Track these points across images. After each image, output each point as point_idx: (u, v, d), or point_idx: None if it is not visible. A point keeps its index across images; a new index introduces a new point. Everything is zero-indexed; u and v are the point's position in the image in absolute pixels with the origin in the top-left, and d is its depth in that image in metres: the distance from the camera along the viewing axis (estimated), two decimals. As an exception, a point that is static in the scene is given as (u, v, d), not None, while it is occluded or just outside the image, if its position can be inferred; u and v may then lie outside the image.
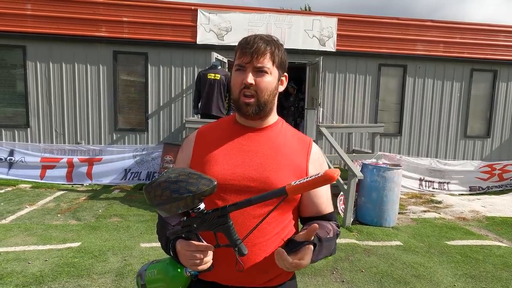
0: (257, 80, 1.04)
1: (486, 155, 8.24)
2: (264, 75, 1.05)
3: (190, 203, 0.88)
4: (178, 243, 0.96)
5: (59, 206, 5.19)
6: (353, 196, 4.78)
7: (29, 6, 6.65)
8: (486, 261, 3.75)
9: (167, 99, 7.26)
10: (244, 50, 1.05)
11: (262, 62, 1.04)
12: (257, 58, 1.03)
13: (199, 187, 0.87)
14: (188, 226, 0.92)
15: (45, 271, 3.11)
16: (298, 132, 1.20)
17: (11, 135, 6.98)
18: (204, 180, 0.89)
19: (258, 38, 1.06)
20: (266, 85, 1.05)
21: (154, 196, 0.90)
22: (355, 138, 7.68)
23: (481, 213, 5.71)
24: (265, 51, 1.04)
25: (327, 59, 7.30)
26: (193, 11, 7.03)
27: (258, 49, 1.03)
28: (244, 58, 1.05)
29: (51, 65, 6.93)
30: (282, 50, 1.09)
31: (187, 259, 0.93)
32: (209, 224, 0.90)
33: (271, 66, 1.06)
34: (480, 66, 8.02)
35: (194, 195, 0.87)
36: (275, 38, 1.10)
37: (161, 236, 1.08)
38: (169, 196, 0.87)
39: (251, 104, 1.05)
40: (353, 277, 3.27)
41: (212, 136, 1.14)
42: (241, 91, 1.05)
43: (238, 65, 1.07)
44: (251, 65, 1.04)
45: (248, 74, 1.04)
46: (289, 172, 1.07)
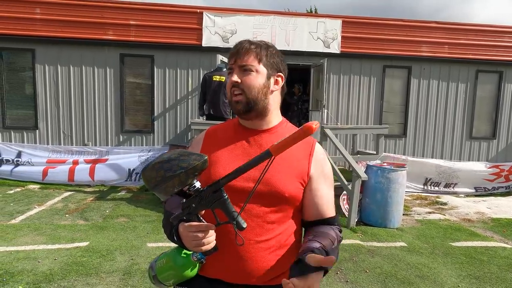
0: (242, 79, 1.09)
1: (492, 156, 8.20)
2: (250, 73, 1.09)
3: (184, 179, 0.90)
4: (180, 226, 0.98)
5: (67, 206, 5.27)
6: (357, 197, 4.80)
7: (38, 10, 6.78)
8: (491, 262, 3.75)
9: (173, 101, 7.34)
10: (231, 52, 1.12)
11: (246, 61, 1.08)
12: (241, 57, 1.08)
13: (190, 162, 0.90)
14: (187, 207, 0.95)
15: (54, 269, 3.18)
16: None
17: (20, 137, 7.10)
18: (194, 156, 0.93)
19: (245, 41, 1.12)
20: (251, 82, 1.09)
21: (150, 178, 0.92)
22: (360, 140, 7.69)
23: (486, 214, 5.69)
24: (249, 50, 1.09)
25: (331, 61, 7.34)
26: (199, 14, 7.11)
27: (241, 48, 1.09)
28: (231, 60, 1.11)
29: (59, 68, 7.04)
30: (272, 51, 1.12)
31: (190, 241, 0.95)
32: (206, 201, 0.92)
33: (257, 64, 1.09)
34: (486, 67, 7.99)
35: (187, 170, 0.89)
36: (266, 42, 1.15)
37: (166, 225, 1.09)
38: (163, 176, 0.90)
39: (240, 101, 1.09)
40: (357, 278, 3.29)
41: (218, 137, 1.18)
42: (231, 90, 1.11)
43: (228, 68, 1.14)
44: (236, 64, 1.09)
45: (234, 74, 1.10)
46: (292, 173, 1.08)
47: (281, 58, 1.15)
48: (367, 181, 4.87)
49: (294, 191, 1.08)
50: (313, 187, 1.12)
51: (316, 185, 1.12)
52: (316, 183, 1.12)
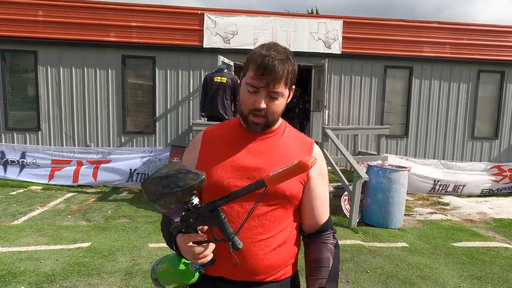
0: (269, 104, 1.06)
1: (494, 156, 8.17)
2: (277, 99, 1.07)
3: (181, 197, 0.91)
4: (178, 237, 1.00)
5: (69, 207, 5.30)
6: (358, 197, 4.80)
7: (41, 12, 6.82)
8: (493, 263, 3.75)
9: (174, 102, 7.35)
10: (260, 73, 1.03)
11: (277, 88, 1.05)
12: (273, 84, 1.04)
13: (186, 181, 0.90)
14: (186, 221, 0.96)
15: (56, 270, 3.19)
16: (300, 134, 1.23)
17: (22, 138, 7.13)
18: (191, 175, 0.92)
19: (276, 60, 1.03)
20: (277, 108, 1.09)
21: (149, 191, 0.93)
22: (361, 140, 7.68)
23: (488, 214, 5.68)
24: (282, 76, 1.04)
25: (332, 62, 7.34)
26: (200, 15, 7.13)
27: (275, 75, 1.03)
28: (260, 82, 1.04)
29: (61, 70, 7.08)
30: (293, 67, 1.09)
31: (186, 252, 0.97)
32: (204, 218, 0.93)
33: (284, 89, 1.07)
34: (487, 67, 7.97)
35: (183, 189, 0.90)
36: (288, 52, 1.10)
37: (165, 232, 1.11)
38: (161, 191, 0.91)
39: (260, 124, 1.10)
40: (358, 278, 3.29)
41: (218, 138, 1.17)
42: (251, 110, 1.08)
43: (251, 85, 1.06)
44: (266, 89, 1.05)
45: (261, 99, 1.05)
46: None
47: (296, 66, 1.12)
48: (368, 181, 4.87)
49: (295, 190, 1.10)
50: (312, 186, 1.15)
51: (314, 184, 1.15)
52: (314, 183, 1.15)
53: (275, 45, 1.09)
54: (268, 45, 1.09)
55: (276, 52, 1.05)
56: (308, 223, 1.17)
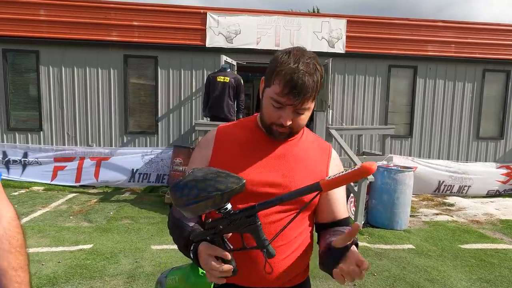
0: (295, 120, 1.02)
1: (499, 156, 8.09)
2: (304, 114, 1.03)
3: (219, 202, 0.86)
4: (201, 246, 0.92)
5: (71, 208, 5.26)
6: (363, 198, 4.74)
7: (42, 12, 6.78)
8: (502, 265, 3.68)
9: (176, 102, 7.31)
10: (288, 91, 0.97)
11: (306, 105, 1.00)
12: (301, 102, 0.98)
13: (228, 185, 0.85)
14: (213, 228, 0.90)
15: (58, 272, 3.15)
16: (317, 138, 1.20)
17: (24, 138, 7.10)
18: (232, 178, 0.87)
19: (306, 76, 0.96)
20: (303, 122, 1.06)
21: (180, 196, 0.87)
22: (365, 140, 7.61)
23: (495, 216, 5.60)
24: (312, 93, 0.99)
25: (336, 61, 7.27)
26: (202, 15, 7.08)
27: (306, 94, 0.97)
28: (287, 100, 0.99)
29: (63, 69, 7.04)
30: (322, 72, 1.03)
31: (206, 264, 0.90)
32: (236, 225, 0.87)
33: (313, 102, 1.03)
34: (493, 67, 7.88)
35: (223, 193, 0.84)
36: (316, 60, 1.01)
37: (179, 236, 1.04)
38: (196, 195, 0.85)
39: (284, 134, 1.06)
40: (364, 281, 3.23)
41: (233, 138, 1.12)
42: (275, 124, 1.03)
43: (277, 101, 1.00)
44: (293, 107, 1.00)
45: (288, 117, 1.01)
46: (311, 179, 1.06)
47: (323, 72, 1.05)
48: (373, 182, 4.81)
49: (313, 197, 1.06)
50: (330, 192, 1.11)
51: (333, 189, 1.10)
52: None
53: (302, 54, 1.00)
54: (296, 54, 1.00)
55: (305, 65, 0.97)
56: (326, 218, 1.13)
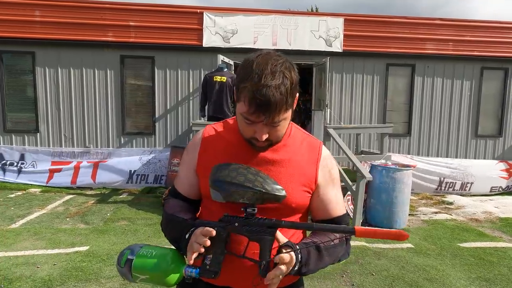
0: (271, 133, 0.96)
1: (498, 154, 8.07)
2: (279, 126, 0.95)
3: (256, 198, 0.89)
4: (199, 228, 0.93)
5: (68, 210, 5.22)
6: (362, 197, 4.72)
7: (38, 13, 6.74)
8: (501, 264, 3.65)
9: (174, 102, 7.27)
10: (253, 110, 0.89)
11: (277, 118, 0.92)
12: (271, 117, 0.90)
13: (272, 190, 0.90)
14: (227, 222, 0.91)
15: (53, 275, 3.11)
16: (307, 136, 1.15)
17: (21, 140, 7.06)
18: (278, 187, 0.92)
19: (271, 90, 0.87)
20: (281, 132, 0.99)
21: (226, 175, 0.90)
22: (364, 139, 7.59)
23: (494, 214, 5.58)
24: (281, 106, 0.89)
25: (334, 60, 7.24)
26: (199, 14, 7.05)
27: (273, 110, 0.89)
28: (256, 118, 0.91)
29: (59, 70, 7.00)
30: (294, 79, 0.93)
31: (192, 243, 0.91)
32: (251, 230, 0.88)
33: (286, 113, 0.94)
34: (491, 64, 7.87)
35: (264, 194, 0.88)
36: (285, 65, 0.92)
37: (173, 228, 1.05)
38: (241, 182, 0.88)
39: (264, 147, 1.02)
40: (363, 281, 3.20)
41: (219, 141, 1.10)
42: (252, 138, 0.98)
43: (246, 118, 0.93)
44: (264, 123, 0.92)
45: (262, 132, 0.94)
46: (299, 183, 1.05)
47: (296, 75, 0.95)
48: (371, 181, 4.78)
49: (302, 200, 1.06)
50: (321, 193, 1.09)
51: (324, 190, 1.10)
52: (324, 189, 1.10)
53: (266, 62, 0.90)
54: (259, 63, 0.90)
55: (269, 77, 0.88)
56: (321, 216, 1.11)
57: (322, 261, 0.98)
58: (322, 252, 0.98)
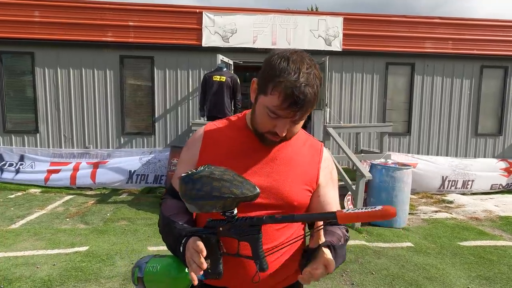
0: (289, 129, 0.98)
1: (498, 153, 8.07)
2: (299, 123, 0.99)
3: (229, 205, 0.84)
4: (192, 239, 0.89)
5: (68, 210, 5.22)
6: (361, 197, 4.71)
7: (37, 13, 6.74)
8: (501, 262, 3.65)
9: (173, 102, 7.27)
10: (288, 105, 0.91)
11: (304, 116, 0.96)
12: (302, 114, 0.93)
13: (243, 191, 0.84)
14: (212, 228, 0.88)
15: (53, 275, 3.11)
16: (309, 137, 1.16)
17: (20, 141, 7.06)
18: (248, 186, 0.85)
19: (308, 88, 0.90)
20: (296, 129, 1.02)
21: (191, 188, 0.84)
22: (363, 138, 7.59)
23: (494, 212, 5.57)
24: (313, 104, 0.94)
25: (333, 59, 7.24)
26: (198, 14, 7.04)
27: (307, 108, 0.92)
28: (287, 114, 0.93)
29: (59, 71, 7.00)
30: (321, 79, 0.98)
31: (189, 259, 0.88)
32: (238, 231, 0.86)
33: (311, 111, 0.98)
34: (490, 63, 7.86)
35: (235, 198, 0.83)
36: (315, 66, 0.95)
37: (168, 234, 1.02)
38: (208, 192, 0.83)
39: (277, 142, 1.02)
40: (363, 280, 3.20)
41: (221, 138, 1.09)
42: (270, 133, 0.99)
43: (274, 112, 0.94)
44: (291, 119, 0.95)
45: (284, 127, 0.96)
46: (301, 182, 1.06)
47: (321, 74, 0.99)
48: (371, 180, 4.78)
49: (303, 199, 1.07)
50: (321, 193, 1.10)
51: (324, 191, 1.11)
52: (324, 189, 1.11)
53: (302, 61, 0.93)
54: (295, 62, 0.92)
55: (306, 76, 0.90)
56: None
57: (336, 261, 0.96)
58: (337, 252, 0.96)
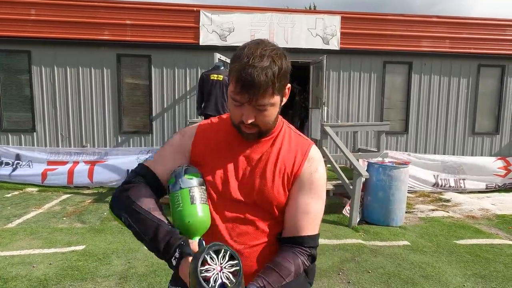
0: (257, 117, 0.97)
1: (495, 152, 8.09)
2: (266, 110, 0.96)
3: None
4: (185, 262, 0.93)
5: (65, 209, 5.21)
6: (359, 195, 4.72)
7: (33, 12, 6.71)
8: (497, 261, 3.66)
9: (171, 101, 7.26)
10: (240, 89, 0.92)
11: (262, 100, 0.93)
12: (256, 97, 0.92)
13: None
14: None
15: (49, 274, 3.11)
16: (298, 137, 1.13)
17: (17, 140, 7.04)
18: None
19: (257, 71, 0.89)
20: (268, 118, 0.99)
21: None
22: (361, 137, 7.59)
23: (491, 211, 5.60)
24: (266, 88, 0.91)
25: (331, 58, 7.24)
26: (196, 13, 7.03)
27: (258, 89, 0.90)
28: (241, 98, 0.94)
29: (55, 69, 6.98)
30: (283, 66, 0.94)
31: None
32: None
33: (272, 98, 0.95)
34: (488, 62, 7.88)
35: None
36: (275, 52, 0.94)
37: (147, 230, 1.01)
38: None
39: (253, 134, 1.02)
40: (359, 278, 3.21)
41: (211, 134, 1.11)
42: (240, 123, 0.99)
43: (234, 99, 0.96)
44: (250, 104, 0.94)
45: (248, 114, 0.95)
46: (282, 181, 1.06)
47: (289, 64, 0.98)
48: (368, 179, 4.79)
49: (282, 197, 1.06)
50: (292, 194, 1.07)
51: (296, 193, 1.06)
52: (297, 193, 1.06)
53: (257, 46, 0.94)
54: (250, 47, 0.94)
55: (259, 58, 0.90)
56: (286, 230, 1.07)
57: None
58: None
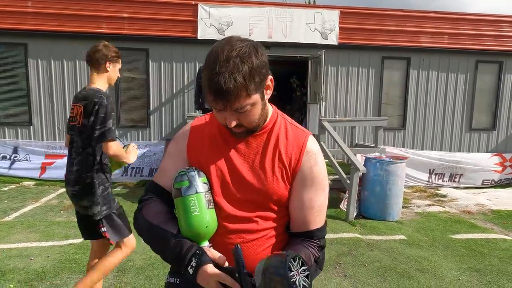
0: (241, 119, 0.96)
1: (492, 148, 8.13)
2: (246, 111, 0.94)
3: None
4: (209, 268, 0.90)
5: (62, 202, 5.20)
6: (356, 190, 4.75)
7: (30, 4, 6.63)
8: (492, 255, 3.71)
9: (168, 95, 7.23)
10: (213, 94, 0.90)
11: (238, 104, 0.91)
12: (231, 103, 0.90)
13: None
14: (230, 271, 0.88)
15: (47, 267, 3.11)
16: (294, 128, 1.10)
17: (14, 133, 7.00)
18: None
19: (224, 78, 0.87)
20: (252, 117, 0.97)
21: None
22: (358, 132, 7.61)
23: (486, 206, 5.65)
24: (238, 92, 0.89)
25: (329, 53, 7.22)
26: (194, 6, 6.98)
27: (229, 96, 0.88)
28: (217, 105, 0.92)
29: (52, 62, 6.92)
30: (255, 67, 0.90)
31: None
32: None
33: (250, 98, 0.92)
34: (485, 58, 7.89)
35: None
36: (243, 51, 0.90)
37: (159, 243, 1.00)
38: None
39: (242, 132, 1.01)
40: (356, 272, 3.24)
41: (205, 133, 1.10)
42: (226, 125, 0.98)
43: (212, 106, 0.94)
44: (228, 110, 0.92)
45: (230, 119, 0.94)
46: (280, 173, 1.04)
47: (263, 57, 0.93)
48: (366, 174, 4.81)
49: (282, 191, 1.05)
50: (293, 190, 1.06)
51: (297, 190, 1.06)
52: (298, 189, 1.06)
53: (224, 48, 0.90)
54: (217, 51, 0.90)
55: (225, 63, 0.87)
56: (294, 228, 1.08)
57: None
58: None
